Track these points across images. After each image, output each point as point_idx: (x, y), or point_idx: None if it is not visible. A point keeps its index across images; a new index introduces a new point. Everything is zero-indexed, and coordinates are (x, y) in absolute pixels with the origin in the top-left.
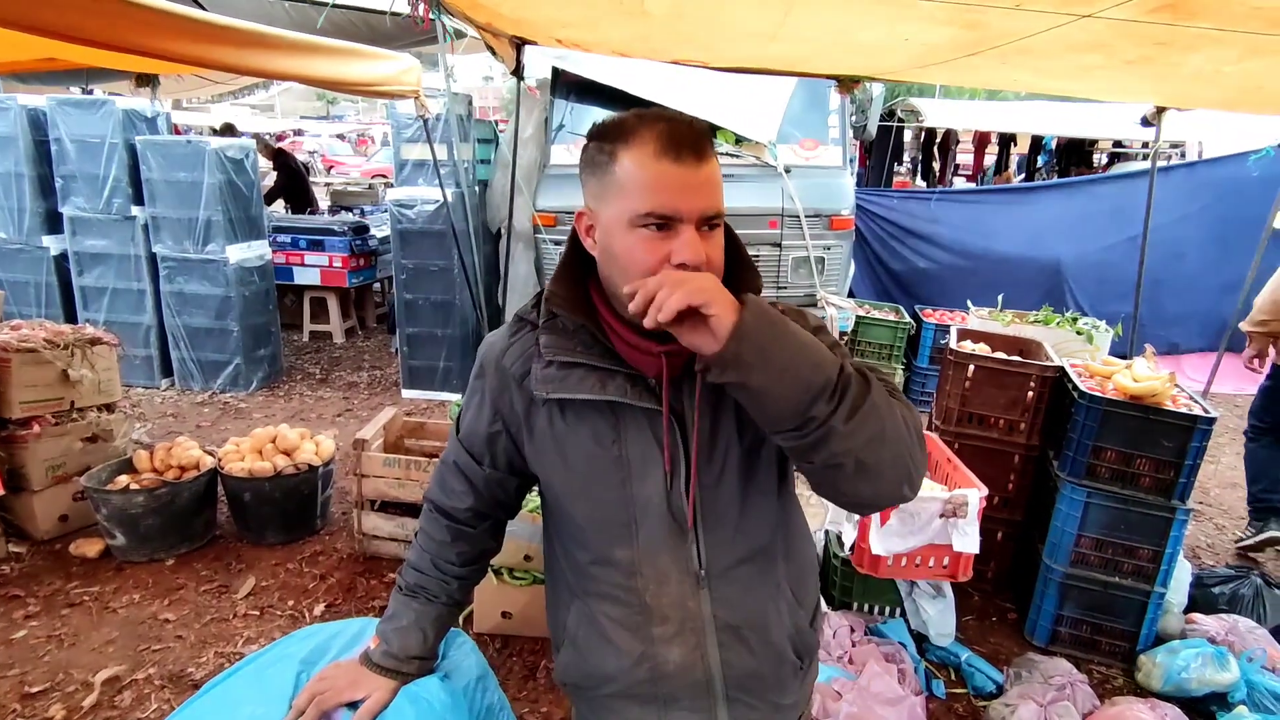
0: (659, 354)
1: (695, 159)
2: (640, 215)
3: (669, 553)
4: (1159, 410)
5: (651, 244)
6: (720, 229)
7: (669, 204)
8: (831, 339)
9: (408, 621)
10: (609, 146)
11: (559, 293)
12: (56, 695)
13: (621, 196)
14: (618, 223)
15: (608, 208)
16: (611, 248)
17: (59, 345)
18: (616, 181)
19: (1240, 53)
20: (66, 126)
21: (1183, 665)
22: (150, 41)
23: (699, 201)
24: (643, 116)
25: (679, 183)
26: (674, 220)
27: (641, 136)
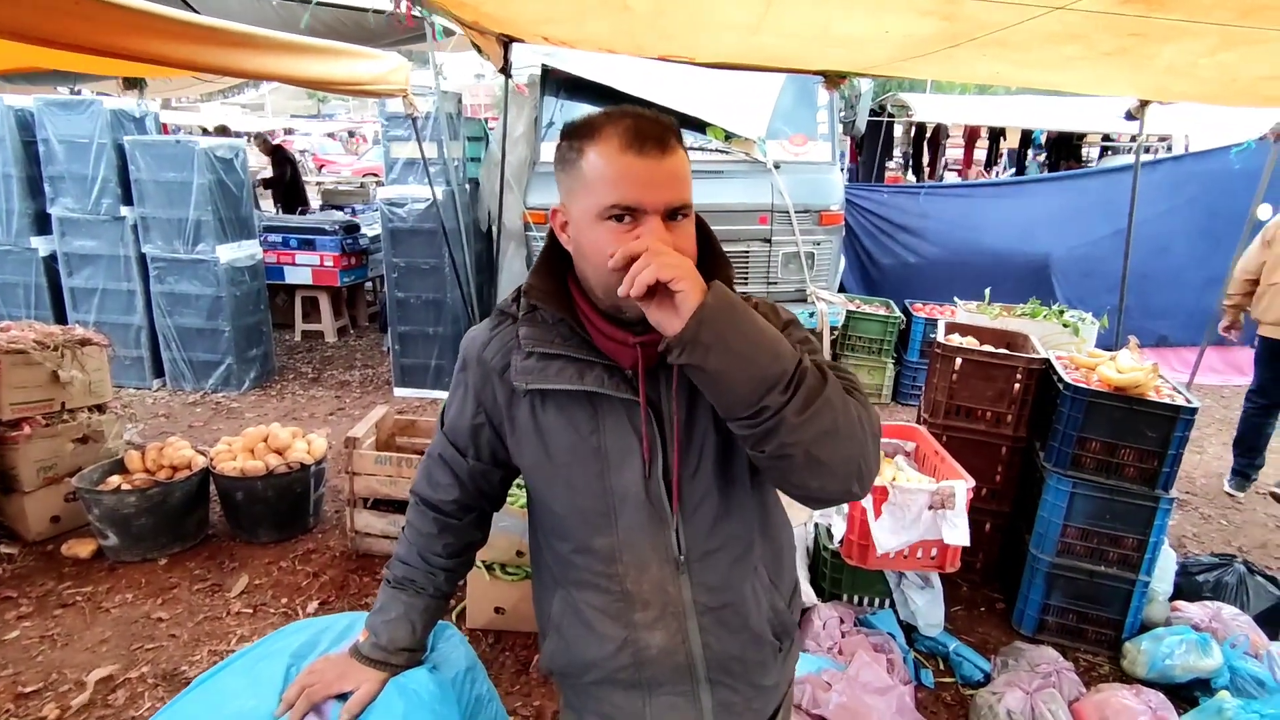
0: (634, 345)
1: (659, 151)
2: (605, 208)
3: (649, 539)
4: (1142, 401)
5: (617, 236)
6: (690, 220)
7: (632, 195)
8: (802, 334)
9: (396, 614)
10: (577, 144)
11: (538, 285)
12: (50, 695)
13: (588, 191)
14: (586, 217)
15: (577, 203)
16: (581, 242)
17: (49, 346)
18: (584, 177)
19: (1212, 44)
20: (54, 127)
21: (1167, 652)
22: (135, 44)
23: (663, 193)
24: (610, 113)
25: (642, 175)
26: (638, 212)
27: (607, 132)
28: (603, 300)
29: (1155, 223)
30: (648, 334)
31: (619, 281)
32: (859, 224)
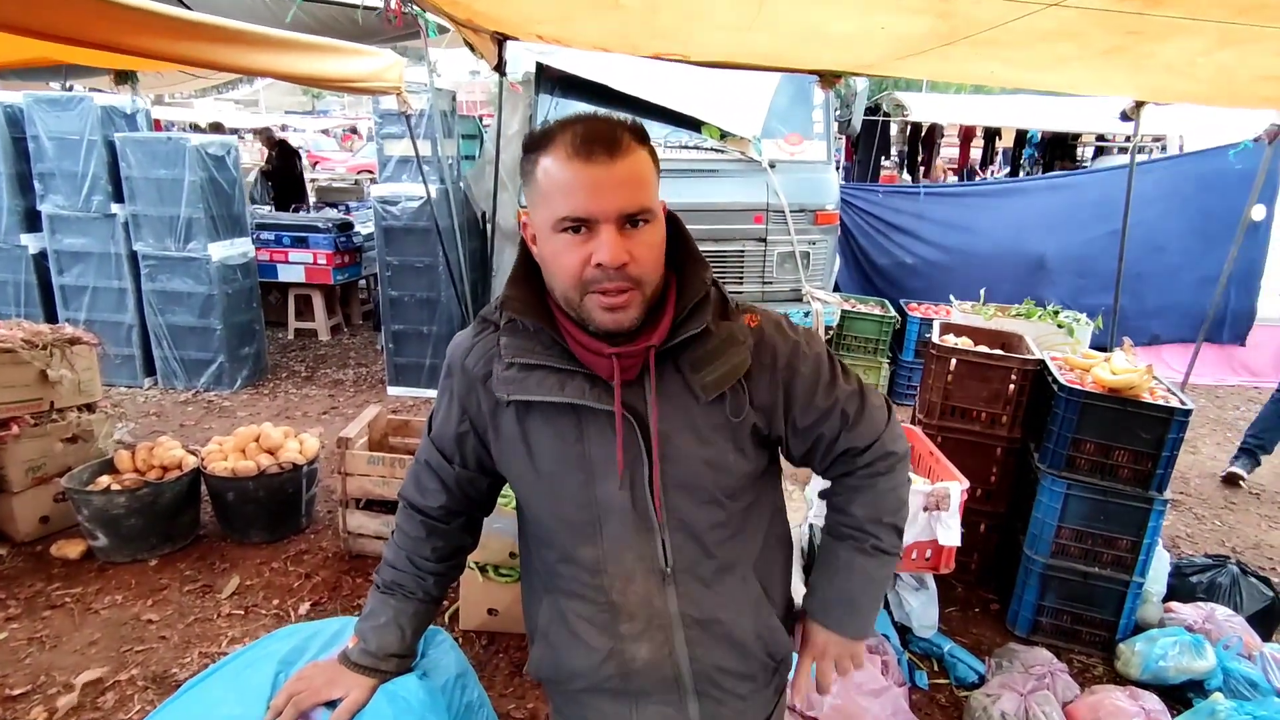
0: (609, 356)
1: (607, 157)
2: (559, 219)
3: (633, 551)
4: (1136, 402)
5: (572, 248)
6: (653, 225)
7: (581, 205)
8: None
9: (385, 619)
10: (533, 155)
11: (515, 296)
12: (38, 697)
13: (544, 202)
14: (544, 228)
15: (537, 214)
16: (543, 253)
17: (37, 345)
18: (539, 188)
19: (1210, 43)
20: (44, 124)
21: (1161, 654)
22: (126, 39)
23: (614, 200)
24: (565, 121)
25: (590, 182)
26: (591, 221)
27: (556, 141)
28: (568, 310)
29: (1150, 222)
30: (622, 344)
31: (578, 295)
32: (854, 223)
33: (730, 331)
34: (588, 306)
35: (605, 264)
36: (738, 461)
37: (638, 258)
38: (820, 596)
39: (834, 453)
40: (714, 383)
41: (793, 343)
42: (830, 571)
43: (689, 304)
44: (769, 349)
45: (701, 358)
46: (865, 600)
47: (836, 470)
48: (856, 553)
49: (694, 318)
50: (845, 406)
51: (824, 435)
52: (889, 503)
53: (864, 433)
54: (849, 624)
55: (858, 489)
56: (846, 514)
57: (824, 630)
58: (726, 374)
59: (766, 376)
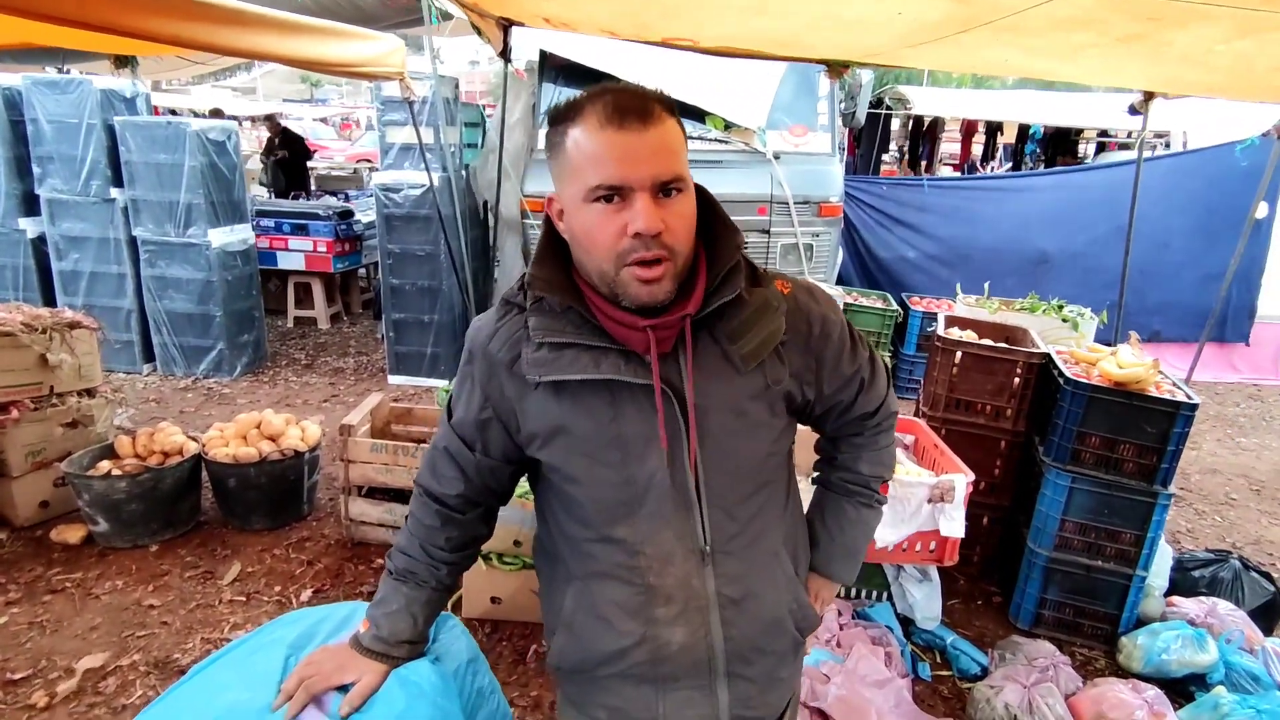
0: (644, 328)
1: (640, 124)
2: (591, 189)
3: (672, 530)
4: (1143, 396)
5: (607, 217)
6: (685, 195)
7: (616, 173)
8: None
9: (397, 606)
10: (561, 127)
11: (541, 275)
12: (39, 682)
13: (574, 174)
14: (574, 201)
15: (567, 188)
16: (574, 228)
17: (37, 329)
18: (569, 160)
19: (1230, 31)
20: (43, 107)
21: (1163, 647)
22: (127, 20)
23: (648, 167)
24: (592, 92)
25: (624, 150)
26: (625, 189)
27: (586, 110)
28: (600, 286)
29: (1155, 219)
30: (659, 315)
31: (614, 268)
32: (857, 216)
33: (764, 298)
34: (623, 280)
35: (643, 231)
36: (772, 431)
37: (672, 227)
38: (825, 549)
39: (850, 415)
40: (752, 352)
41: (823, 311)
42: (836, 526)
43: (722, 270)
44: (803, 315)
45: (737, 327)
46: (863, 548)
47: (846, 431)
48: (862, 507)
49: (727, 284)
50: (863, 373)
51: (843, 400)
52: (887, 459)
53: (875, 396)
54: (847, 572)
55: (863, 447)
56: (852, 471)
57: (821, 579)
58: (764, 341)
59: (801, 343)
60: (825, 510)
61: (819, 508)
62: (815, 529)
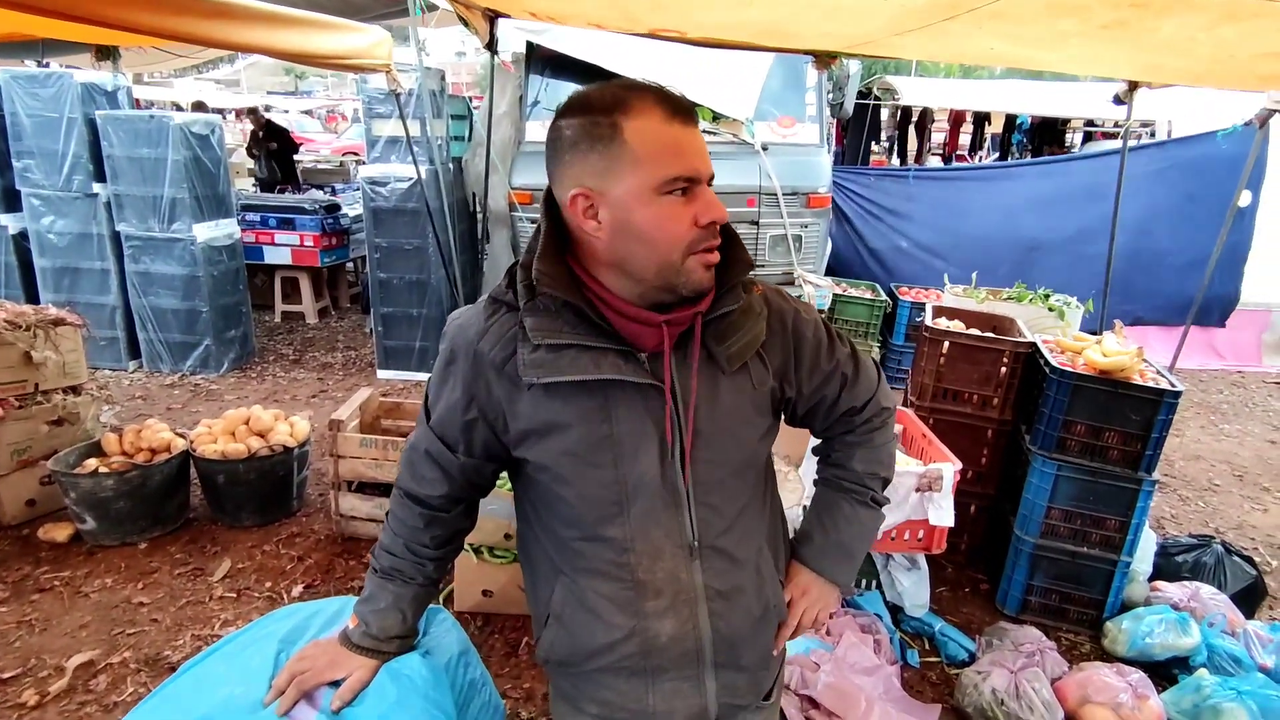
0: (659, 324)
1: (693, 123)
2: (668, 181)
3: (662, 527)
4: (1127, 384)
5: (678, 210)
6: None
7: (692, 166)
8: (839, 347)
9: (385, 603)
10: (606, 119)
11: (547, 271)
12: (29, 680)
13: (638, 167)
14: (638, 195)
15: (620, 183)
16: (631, 223)
17: (21, 326)
18: (630, 153)
19: (1213, 18)
20: (22, 101)
21: (1147, 631)
22: (110, 11)
23: (707, 161)
24: (628, 86)
25: (691, 145)
26: (695, 182)
27: (642, 104)
28: (653, 280)
29: (1139, 207)
30: (673, 310)
31: (681, 257)
32: (846, 207)
33: (749, 304)
34: (689, 268)
35: (718, 220)
36: (757, 430)
37: (719, 217)
38: (817, 544)
39: (836, 413)
40: (737, 353)
41: (794, 309)
42: (830, 522)
43: (733, 281)
44: (777, 315)
45: (725, 330)
46: (859, 550)
47: (837, 429)
48: (858, 505)
49: (732, 294)
50: (844, 369)
51: (826, 396)
52: (883, 457)
53: (861, 392)
54: (841, 571)
55: (856, 445)
56: (846, 469)
57: (812, 575)
58: (748, 344)
59: (778, 341)
60: (820, 506)
61: (815, 505)
62: (810, 524)
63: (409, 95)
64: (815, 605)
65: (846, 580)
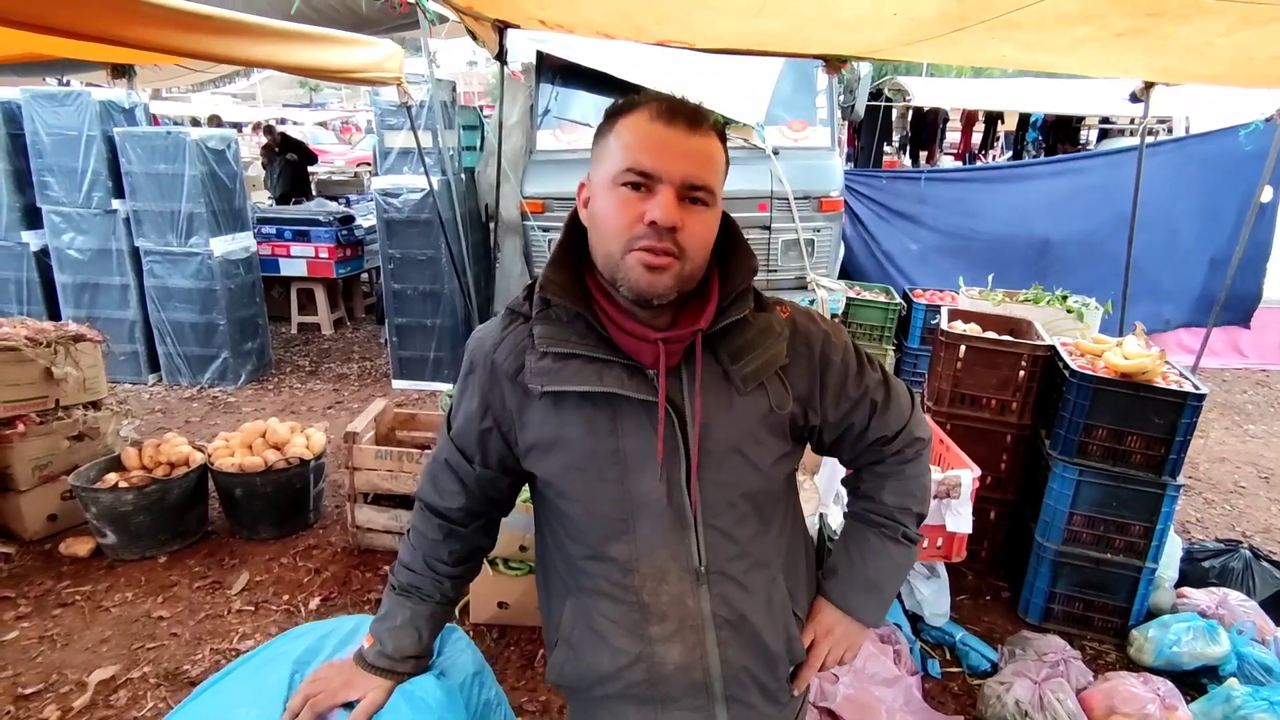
0: (656, 341)
1: (687, 126)
2: (621, 171)
3: (668, 549)
4: (1150, 388)
5: (628, 202)
6: (710, 210)
7: (648, 161)
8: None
9: (401, 621)
10: (612, 120)
11: (555, 279)
12: (50, 696)
13: (610, 158)
14: (603, 183)
15: (599, 172)
16: (594, 211)
17: (41, 343)
18: (609, 147)
19: (1231, 23)
20: (42, 120)
21: (1174, 639)
22: (122, 31)
23: (681, 164)
24: (650, 96)
25: (663, 142)
26: (653, 179)
27: (641, 107)
28: (605, 274)
29: (1158, 205)
30: (670, 329)
31: (621, 251)
32: (858, 209)
33: (768, 323)
34: (628, 264)
35: (659, 221)
36: (772, 454)
37: (689, 228)
38: (843, 579)
39: (865, 441)
40: (753, 373)
41: (824, 332)
42: (858, 557)
43: (735, 290)
44: (803, 338)
45: (741, 348)
46: (889, 588)
47: (866, 459)
48: (888, 540)
49: (737, 304)
50: (874, 395)
51: (855, 424)
52: (915, 489)
53: (892, 420)
54: (869, 610)
55: (886, 476)
56: (876, 501)
57: (838, 613)
58: (765, 364)
59: (803, 365)
60: (848, 539)
61: (844, 538)
62: (837, 558)
63: (420, 107)
64: (840, 645)
65: (875, 620)
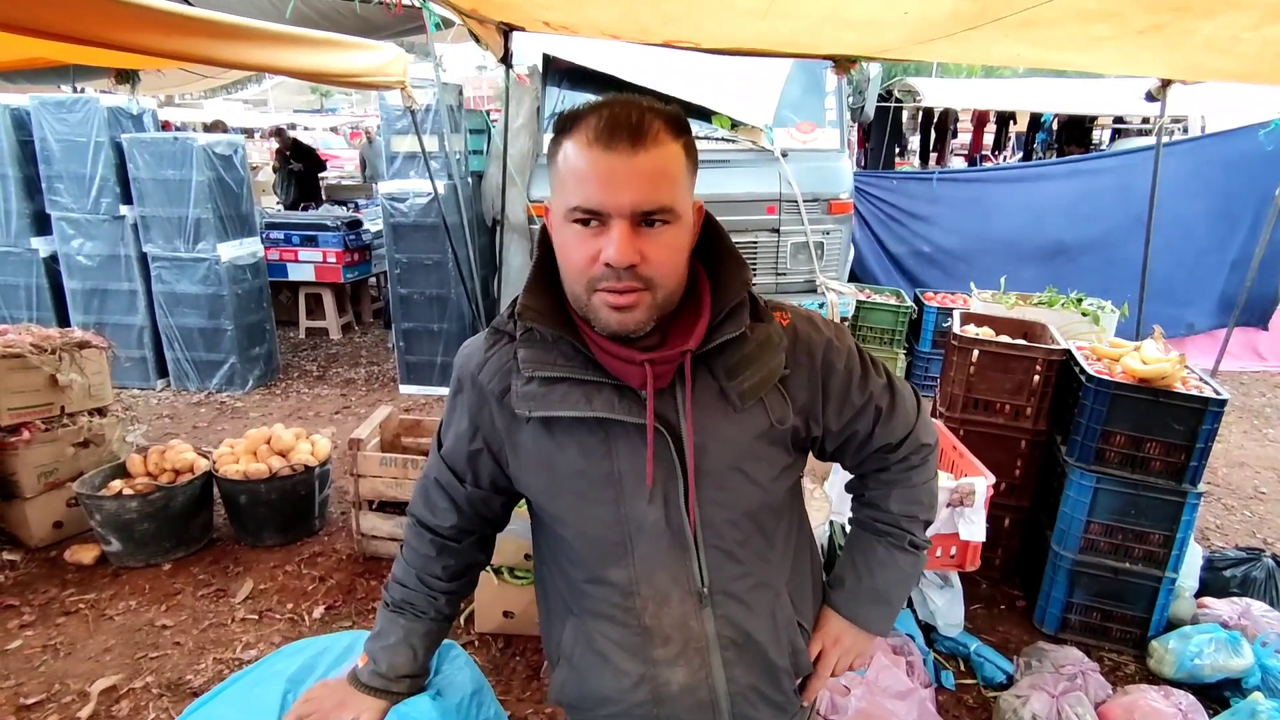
0: (642, 363)
1: (629, 146)
2: (569, 209)
3: (668, 571)
4: (1169, 393)
5: (583, 240)
6: (674, 226)
7: (593, 197)
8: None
9: (395, 639)
10: (559, 138)
11: (532, 305)
12: (53, 706)
13: (560, 189)
14: (557, 217)
15: (554, 201)
16: (556, 243)
17: (47, 350)
18: (558, 173)
19: (1258, 17)
20: (50, 126)
21: (1195, 651)
22: (124, 35)
23: (628, 194)
24: (596, 103)
25: (605, 173)
26: (602, 215)
27: (580, 125)
28: (574, 309)
29: (1174, 206)
30: (657, 350)
31: (585, 292)
32: (868, 212)
33: (766, 334)
34: (594, 305)
35: (612, 263)
36: (773, 469)
37: (650, 258)
38: (850, 590)
39: (869, 449)
40: (750, 390)
41: (826, 339)
42: (864, 566)
43: (726, 306)
44: (804, 346)
45: (738, 363)
46: (896, 597)
47: (870, 466)
48: (894, 549)
49: (731, 320)
50: (879, 401)
51: (858, 432)
52: (922, 497)
53: (897, 427)
54: (876, 620)
55: (892, 484)
56: (882, 509)
57: (845, 623)
58: (763, 380)
59: (805, 375)
60: (854, 549)
61: (849, 547)
62: (843, 568)
63: (426, 111)
64: (848, 655)
65: (882, 629)
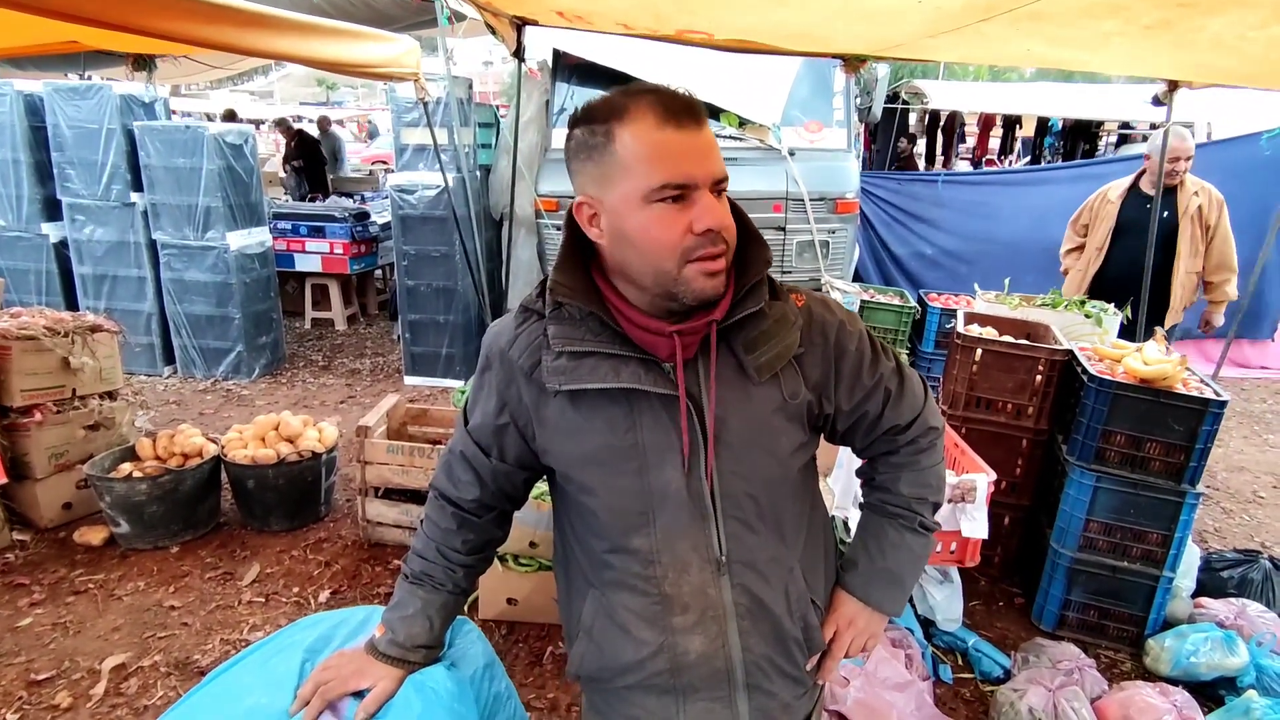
0: (671, 334)
1: (695, 124)
2: (655, 189)
3: (688, 539)
4: (1170, 394)
5: (669, 217)
6: (725, 195)
7: (683, 171)
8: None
9: (413, 610)
10: (602, 127)
11: (563, 282)
12: (63, 683)
13: (628, 175)
14: (629, 203)
15: (613, 190)
16: (625, 231)
17: (59, 333)
18: (619, 161)
19: (1266, 15)
20: (63, 112)
21: (1191, 649)
22: (145, 21)
23: (709, 165)
24: (629, 92)
25: (687, 148)
26: (689, 188)
27: (636, 110)
28: (652, 288)
29: None
30: (685, 320)
31: (677, 266)
32: (873, 212)
33: (782, 312)
34: (687, 276)
35: (715, 228)
36: (790, 444)
37: (727, 225)
38: (863, 572)
39: (878, 430)
40: (767, 364)
41: (839, 321)
42: (876, 548)
43: (749, 283)
44: (819, 327)
45: (756, 338)
46: (909, 578)
47: (879, 448)
48: (905, 531)
49: (753, 295)
50: (888, 384)
51: (868, 413)
52: (931, 480)
53: (905, 410)
54: (889, 600)
55: (902, 466)
56: (892, 492)
57: (859, 604)
58: (779, 354)
59: (818, 354)
60: (866, 532)
61: (861, 530)
62: (855, 551)
63: (437, 104)
64: (862, 636)
65: (896, 609)
